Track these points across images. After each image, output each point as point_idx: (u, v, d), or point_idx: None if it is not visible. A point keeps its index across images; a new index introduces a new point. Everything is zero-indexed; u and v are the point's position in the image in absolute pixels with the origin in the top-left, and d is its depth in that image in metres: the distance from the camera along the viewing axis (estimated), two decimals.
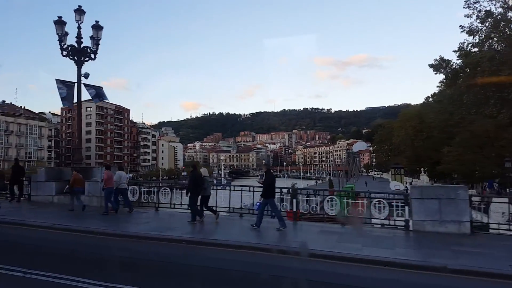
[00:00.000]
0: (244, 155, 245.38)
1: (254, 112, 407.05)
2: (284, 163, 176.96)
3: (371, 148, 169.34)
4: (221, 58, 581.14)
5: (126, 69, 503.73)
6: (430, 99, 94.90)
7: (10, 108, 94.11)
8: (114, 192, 12.84)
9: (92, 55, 15.25)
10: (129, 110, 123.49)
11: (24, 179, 15.73)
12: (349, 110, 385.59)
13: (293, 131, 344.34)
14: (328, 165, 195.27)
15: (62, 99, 14.59)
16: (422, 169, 52.69)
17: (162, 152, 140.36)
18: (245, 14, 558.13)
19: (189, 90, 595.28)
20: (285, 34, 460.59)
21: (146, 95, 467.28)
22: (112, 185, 12.66)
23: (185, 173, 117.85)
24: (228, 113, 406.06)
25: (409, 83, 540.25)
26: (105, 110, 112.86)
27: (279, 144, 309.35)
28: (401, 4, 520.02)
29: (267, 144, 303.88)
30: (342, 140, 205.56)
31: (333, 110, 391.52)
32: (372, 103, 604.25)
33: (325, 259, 7.85)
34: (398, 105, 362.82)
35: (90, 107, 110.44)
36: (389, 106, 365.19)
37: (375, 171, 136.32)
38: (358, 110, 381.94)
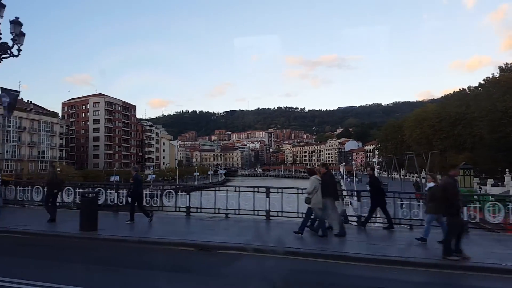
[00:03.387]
0: (229, 154, 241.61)
1: (228, 110, 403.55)
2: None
3: (366, 148, 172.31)
4: (190, 55, 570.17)
5: (90, 64, 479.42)
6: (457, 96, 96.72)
7: (18, 103, 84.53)
8: None
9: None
10: (135, 106, 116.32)
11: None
12: (322, 110, 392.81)
13: (269, 129, 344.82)
14: (319, 163, 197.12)
15: None
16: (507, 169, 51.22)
17: (164, 150, 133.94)
18: (214, 11, 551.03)
19: (156, 87, 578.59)
20: (254, 33, 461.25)
21: (112, 91, 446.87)
22: None
23: (197, 173, 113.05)
24: (202, 111, 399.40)
25: (377, 83, 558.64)
26: (113, 106, 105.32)
27: (257, 143, 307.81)
28: (365, 5, 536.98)
29: (245, 143, 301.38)
30: (333, 139, 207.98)
31: (306, 109, 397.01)
32: (343, 103, 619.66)
33: None
34: (370, 105, 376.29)
35: (98, 103, 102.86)
36: (361, 106, 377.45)
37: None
38: (331, 109, 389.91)
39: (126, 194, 13.07)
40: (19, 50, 14.14)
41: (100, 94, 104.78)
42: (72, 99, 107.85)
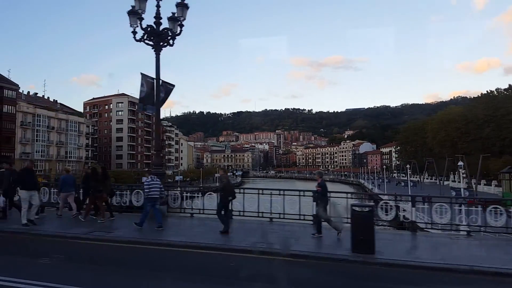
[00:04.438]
0: (239, 155, 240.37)
1: (235, 111, 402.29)
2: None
3: (382, 150, 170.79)
4: (195, 56, 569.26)
5: (96, 64, 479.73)
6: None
7: (45, 102, 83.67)
8: None
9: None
10: None
11: None
12: (330, 111, 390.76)
13: (277, 131, 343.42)
14: (333, 166, 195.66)
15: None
16: None
17: (182, 151, 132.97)
18: (219, 12, 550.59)
19: None
20: (259, 34, 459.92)
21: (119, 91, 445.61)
22: None
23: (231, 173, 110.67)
24: (209, 112, 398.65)
25: (384, 85, 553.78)
26: (136, 106, 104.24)
27: (266, 144, 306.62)
28: (372, 6, 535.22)
29: (253, 144, 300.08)
30: (347, 141, 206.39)
31: (314, 111, 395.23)
32: (351, 104, 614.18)
33: None
34: (378, 106, 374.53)
35: (122, 103, 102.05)
36: (369, 107, 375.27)
37: (398, 173, 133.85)
38: (339, 111, 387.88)
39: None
40: (173, 38, 12.74)
41: (123, 94, 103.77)
42: (93, 98, 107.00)
